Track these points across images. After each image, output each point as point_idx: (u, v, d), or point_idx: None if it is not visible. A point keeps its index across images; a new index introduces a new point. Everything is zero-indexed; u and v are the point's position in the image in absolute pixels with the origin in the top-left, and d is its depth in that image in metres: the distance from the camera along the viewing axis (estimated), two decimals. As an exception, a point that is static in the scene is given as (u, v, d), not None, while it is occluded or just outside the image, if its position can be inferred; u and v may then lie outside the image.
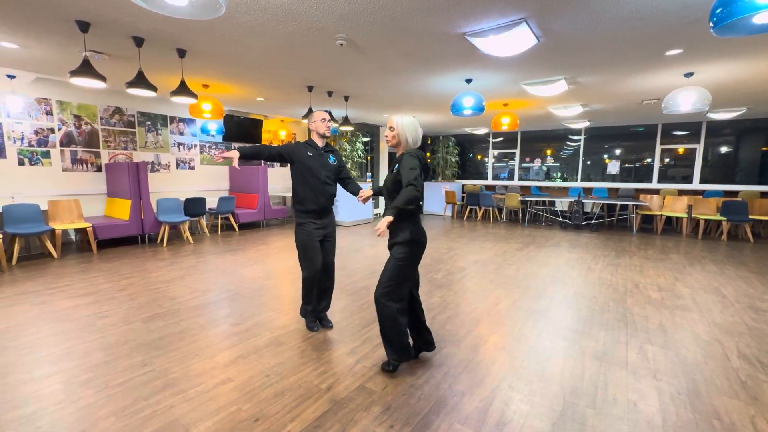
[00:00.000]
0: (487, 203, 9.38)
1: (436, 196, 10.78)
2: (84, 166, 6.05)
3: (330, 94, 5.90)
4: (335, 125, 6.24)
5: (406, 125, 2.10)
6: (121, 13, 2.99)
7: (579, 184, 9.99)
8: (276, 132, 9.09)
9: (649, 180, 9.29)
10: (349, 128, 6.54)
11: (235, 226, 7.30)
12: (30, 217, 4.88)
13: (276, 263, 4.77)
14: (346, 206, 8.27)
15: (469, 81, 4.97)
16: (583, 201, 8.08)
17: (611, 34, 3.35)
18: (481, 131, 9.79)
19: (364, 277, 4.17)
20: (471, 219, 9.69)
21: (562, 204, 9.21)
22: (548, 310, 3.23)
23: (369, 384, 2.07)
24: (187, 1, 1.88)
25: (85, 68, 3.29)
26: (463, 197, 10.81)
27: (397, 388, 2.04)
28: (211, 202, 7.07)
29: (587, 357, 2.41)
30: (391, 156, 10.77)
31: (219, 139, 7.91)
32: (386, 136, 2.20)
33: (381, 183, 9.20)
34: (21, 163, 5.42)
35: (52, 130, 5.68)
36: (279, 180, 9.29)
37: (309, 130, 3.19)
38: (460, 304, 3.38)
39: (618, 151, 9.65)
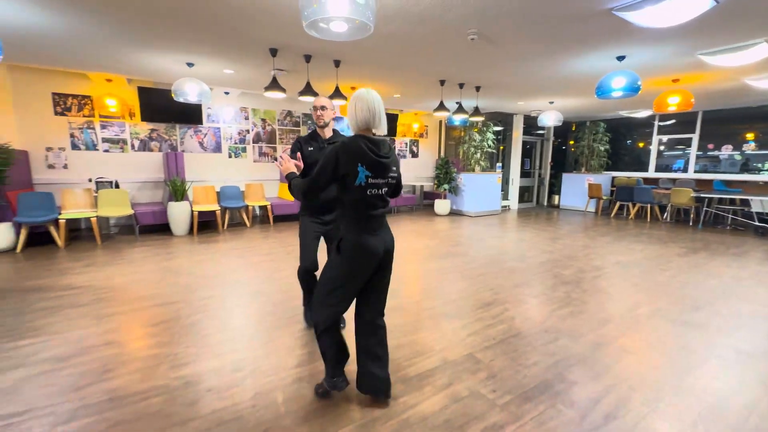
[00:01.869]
0: (643, 199, 7.95)
1: (575, 189, 9.67)
2: (266, 158, 7.84)
3: (461, 86, 6.04)
4: (465, 116, 6.35)
5: (348, 105, 1.69)
6: (300, 40, 3.86)
7: (796, 178, 7.42)
8: (410, 125, 9.71)
9: None
10: (480, 118, 6.55)
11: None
12: (235, 195, 6.68)
13: (404, 245, 5.29)
14: (472, 196, 8.30)
15: (621, 58, 4.37)
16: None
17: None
18: (643, 114, 8.28)
19: (482, 265, 4.27)
20: (621, 217, 8.39)
21: (763, 204, 7.06)
22: (706, 324, 2.74)
23: (478, 354, 2.28)
24: (345, 28, 2.39)
25: (274, 84, 4.37)
26: (612, 191, 9.39)
27: (504, 364, 2.18)
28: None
29: (748, 381, 2.02)
30: (524, 144, 10.16)
31: (361, 133, 8.98)
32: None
33: (512, 174, 8.77)
34: (229, 156, 7.41)
35: (248, 131, 7.55)
36: (410, 170, 9.93)
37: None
38: (587, 302, 3.18)
39: None
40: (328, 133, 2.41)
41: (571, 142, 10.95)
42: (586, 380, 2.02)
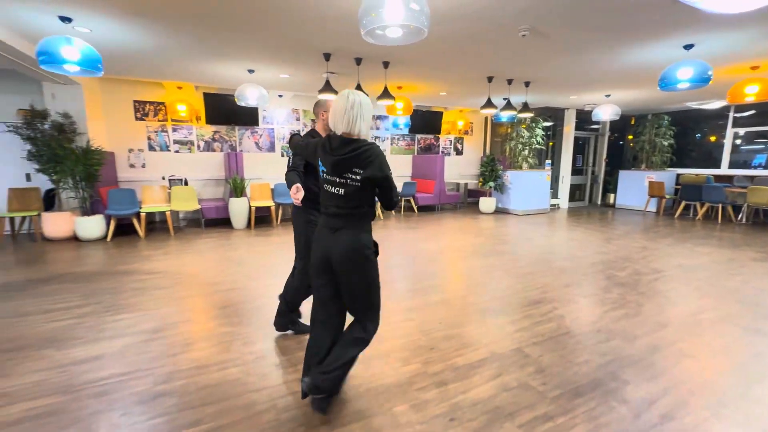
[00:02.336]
0: (714, 198, 7.28)
1: (634, 187, 9.04)
2: (315, 156, 8.23)
3: (510, 81, 5.93)
4: (513, 112, 6.23)
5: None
6: (352, 45, 4.06)
7: None
8: (454, 122, 9.65)
9: None
10: (528, 114, 6.39)
11: (415, 208, 8.35)
12: (286, 192, 7.10)
13: (448, 242, 5.34)
14: (518, 194, 8.10)
15: (688, 47, 4.08)
16: None
17: None
18: (715, 105, 7.58)
19: (530, 264, 4.22)
20: (687, 217, 7.75)
21: None
22: (782, 333, 2.54)
23: (526, 349, 2.32)
24: (401, 33, 2.52)
25: (327, 87, 4.63)
26: (676, 189, 8.68)
27: (553, 360, 2.20)
28: (397, 186, 8.31)
29: (831, 394, 1.88)
30: (576, 140, 9.67)
31: (406, 131, 9.10)
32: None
33: (563, 171, 8.42)
34: (282, 155, 7.87)
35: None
36: (454, 168, 9.88)
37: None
38: (644, 305, 3.05)
39: None
40: (324, 132, 2.33)
41: (630, 137, 10.25)
42: (641, 381, 1.99)
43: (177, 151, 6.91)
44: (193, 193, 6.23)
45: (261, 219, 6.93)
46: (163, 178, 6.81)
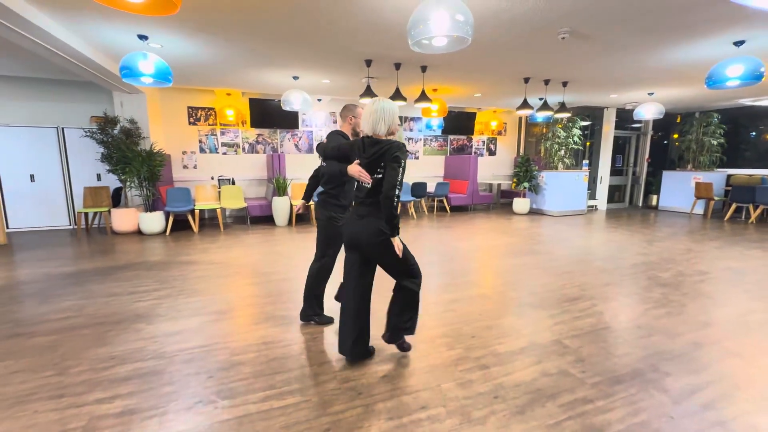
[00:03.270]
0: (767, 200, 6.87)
1: (679, 189, 8.66)
2: (351, 158, 8.54)
3: (546, 82, 5.93)
4: (550, 113, 6.21)
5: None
6: (393, 51, 4.28)
7: None
8: (487, 123, 9.66)
9: None
10: (566, 114, 6.34)
11: (447, 208, 8.45)
12: (324, 192, 7.45)
13: (482, 241, 5.43)
14: (554, 195, 8.00)
15: (739, 43, 3.97)
16: None
17: None
18: (771, 101, 7.14)
19: (567, 263, 4.25)
20: (738, 220, 7.36)
21: None
22: (838, 337, 2.48)
23: (565, 341, 2.42)
24: (445, 42, 2.69)
25: (368, 91, 4.88)
26: (726, 191, 8.24)
27: (593, 351, 2.29)
28: (430, 187, 8.45)
29: None
30: (616, 140, 9.39)
31: (438, 132, 9.22)
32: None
33: (601, 171, 8.22)
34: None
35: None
36: (487, 169, 9.88)
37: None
38: (687, 305, 3.04)
39: None
40: (350, 133, 2.56)
41: (675, 136, 9.81)
42: (682, 373, 2.05)
43: (224, 153, 7.43)
44: (240, 192, 6.70)
45: (300, 217, 7.31)
46: (212, 178, 7.34)
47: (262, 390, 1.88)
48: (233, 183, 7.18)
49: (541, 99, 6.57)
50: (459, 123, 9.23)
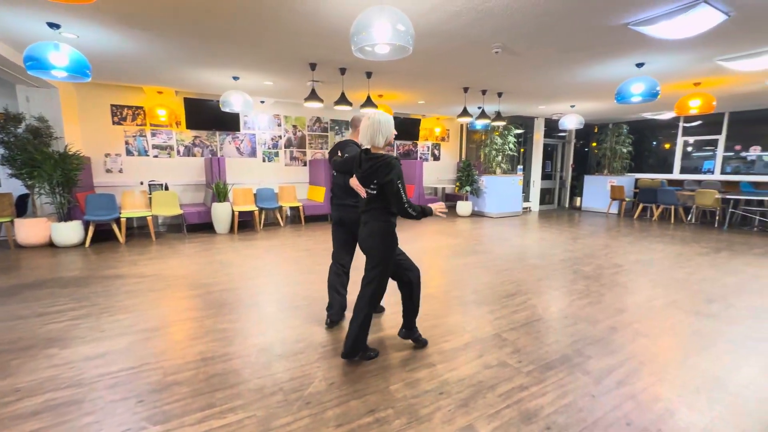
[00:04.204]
0: (667, 201, 7.99)
1: (597, 191, 9.73)
2: (297, 162, 8.33)
3: (484, 92, 6.33)
4: (487, 121, 6.63)
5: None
6: (338, 55, 4.28)
7: (829, 179, 7.31)
8: (431, 129, 10.03)
9: None
10: (501, 122, 6.81)
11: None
12: (269, 197, 7.19)
13: (429, 243, 5.62)
14: (493, 198, 8.53)
15: (640, 65, 4.58)
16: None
17: None
18: (667, 116, 8.33)
19: (506, 262, 4.55)
20: (644, 218, 8.44)
21: (791, 205, 7.01)
22: (718, 315, 2.96)
23: (504, 334, 2.59)
24: (388, 50, 2.77)
25: (312, 95, 4.82)
26: (635, 193, 9.42)
27: (527, 342, 2.48)
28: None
29: (752, 362, 2.26)
30: (545, 147, 10.28)
31: (385, 138, 9.37)
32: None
33: (534, 176, 8.93)
34: (263, 160, 7.94)
35: (280, 137, 8.06)
36: (432, 173, 10.25)
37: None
38: (605, 294, 3.42)
39: None
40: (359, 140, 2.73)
41: (594, 144, 11.00)
42: (602, 355, 2.31)
43: (156, 156, 6.85)
44: (175, 197, 6.22)
45: (243, 224, 6.97)
46: (142, 183, 6.73)
47: (201, 410, 1.76)
48: (166, 188, 6.65)
49: (479, 108, 6.99)
50: (405, 129, 9.48)
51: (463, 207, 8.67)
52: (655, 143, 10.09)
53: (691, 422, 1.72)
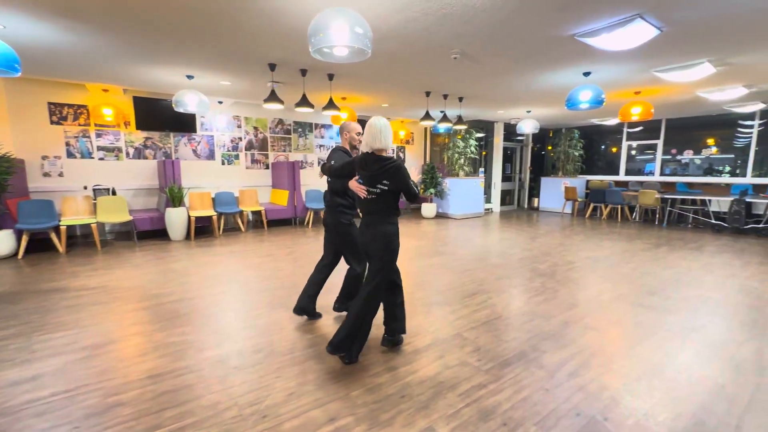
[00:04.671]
0: (614, 200, 8.57)
1: (553, 192, 10.27)
2: (258, 165, 8.08)
3: (445, 96, 6.48)
4: (449, 124, 6.79)
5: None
6: (298, 56, 4.20)
7: (748, 180, 8.18)
8: (396, 132, 10.11)
9: None
10: (463, 126, 6.99)
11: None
12: (229, 201, 6.91)
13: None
14: (456, 200, 8.74)
15: (587, 74, 4.88)
16: (748, 201, 6.70)
17: (754, 11, 3.03)
18: (612, 122, 8.93)
19: (468, 262, 4.67)
20: (595, 217, 8.99)
21: (719, 204, 7.77)
22: (658, 306, 3.20)
23: (465, 334, 2.64)
24: (346, 52, 2.74)
25: (272, 96, 4.68)
26: (586, 193, 10.02)
27: (487, 340, 2.55)
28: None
29: (686, 349, 2.46)
30: (505, 150, 10.70)
31: (350, 140, 9.32)
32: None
33: (495, 178, 9.25)
34: (223, 163, 7.62)
35: (240, 139, 7.78)
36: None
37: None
38: (559, 291, 3.60)
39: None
40: (349, 147, 2.88)
41: (549, 148, 11.59)
42: (555, 350, 2.41)
43: (102, 159, 6.38)
44: (124, 203, 5.81)
45: (201, 230, 6.64)
46: (86, 188, 6.23)
47: (147, 431, 1.63)
48: (113, 193, 6.19)
49: (442, 111, 7.14)
50: (369, 131, 9.47)
51: (428, 209, 8.80)
52: (603, 147, 10.81)
53: (634, 408, 1.84)
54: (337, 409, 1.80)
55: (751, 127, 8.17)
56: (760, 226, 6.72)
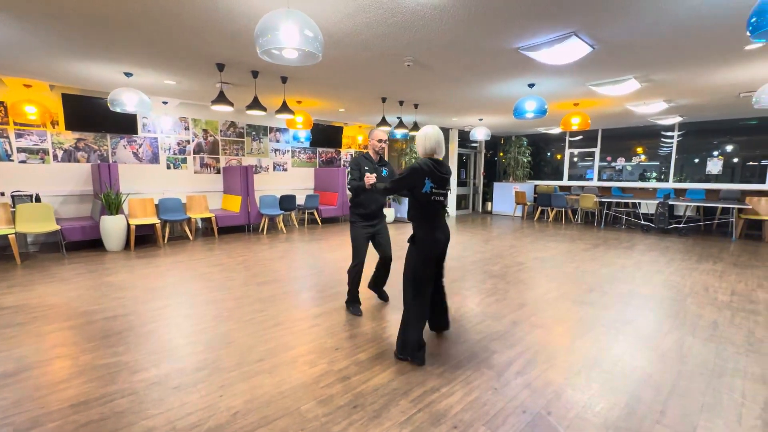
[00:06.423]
0: (559, 204, 9.16)
1: (505, 197, 10.78)
2: (208, 169, 7.67)
3: (401, 103, 6.57)
4: (405, 131, 6.90)
5: (418, 138, 2.35)
6: (248, 58, 4.04)
7: (671, 185, 9.14)
8: (354, 137, 10.10)
9: (763, 180, 8.12)
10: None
11: (319, 220, 8.43)
12: (175, 207, 6.48)
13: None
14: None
15: (531, 85, 5.19)
16: (671, 203, 7.47)
17: (673, 34, 3.39)
18: (556, 131, 9.57)
19: (425, 265, 4.73)
20: (542, 220, 9.55)
21: (648, 206, 8.58)
22: (595, 302, 3.44)
23: (419, 338, 2.65)
24: (296, 55, 2.68)
25: (221, 98, 4.46)
26: (534, 198, 10.64)
27: (439, 344, 2.58)
28: (300, 199, 8.29)
29: (620, 341, 2.65)
30: (460, 156, 11.09)
31: (307, 144, 9.16)
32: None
33: (451, 182, 9.50)
34: (168, 167, 7.14)
35: (188, 142, 7.35)
36: (356, 180, 10.28)
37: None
38: (509, 291, 3.75)
39: (730, 148, 8.54)
40: (376, 158, 3.12)
41: (501, 154, 12.18)
42: (504, 349, 2.50)
43: (24, 162, 5.71)
44: (50, 211, 5.24)
45: (142, 239, 6.16)
46: (3, 194, 5.53)
47: (64, 469, 1.45)
48: (37, 200, 5.56)
49: (398, 117, 7.24)
50: (327, 136, 9.39)
51: (386, 214, 8.85)
52: (549, 154, 11.55)
53: (574, 401, 1.94)
54: (285, 426, 1.73)
55: (672, 137, 9.15)
56: (681, 226, 7.51)
